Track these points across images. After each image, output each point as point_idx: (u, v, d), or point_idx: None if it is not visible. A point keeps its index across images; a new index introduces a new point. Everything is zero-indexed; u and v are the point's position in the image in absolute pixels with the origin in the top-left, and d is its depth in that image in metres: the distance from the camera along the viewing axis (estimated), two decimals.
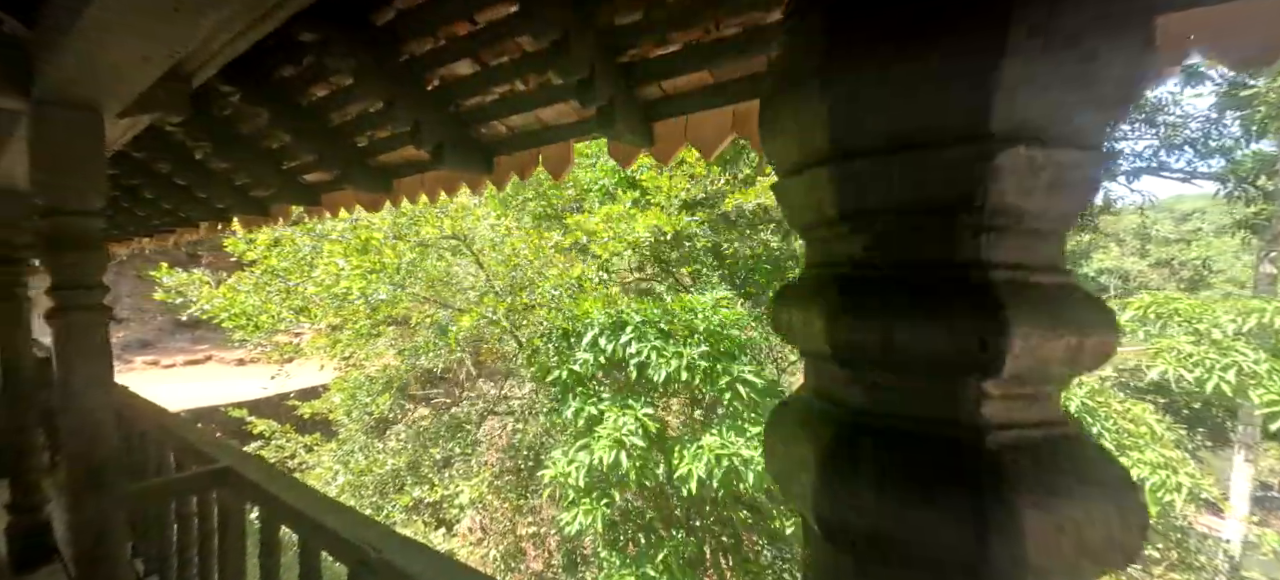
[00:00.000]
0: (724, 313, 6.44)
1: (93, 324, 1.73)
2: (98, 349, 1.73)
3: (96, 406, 1.73)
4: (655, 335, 6.19)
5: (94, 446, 1.68)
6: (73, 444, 1.69)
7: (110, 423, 1.74)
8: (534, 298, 6.78)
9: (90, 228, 1.71)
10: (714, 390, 6.12)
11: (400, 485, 7.34)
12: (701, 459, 5.82)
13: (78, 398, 1.70)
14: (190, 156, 2.91)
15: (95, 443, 1.68)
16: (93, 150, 1.67)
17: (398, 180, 2.47)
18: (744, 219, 9.16)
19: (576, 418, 6.36)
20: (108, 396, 1.75)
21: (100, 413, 1.73)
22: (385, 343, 9.35)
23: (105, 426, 1.71)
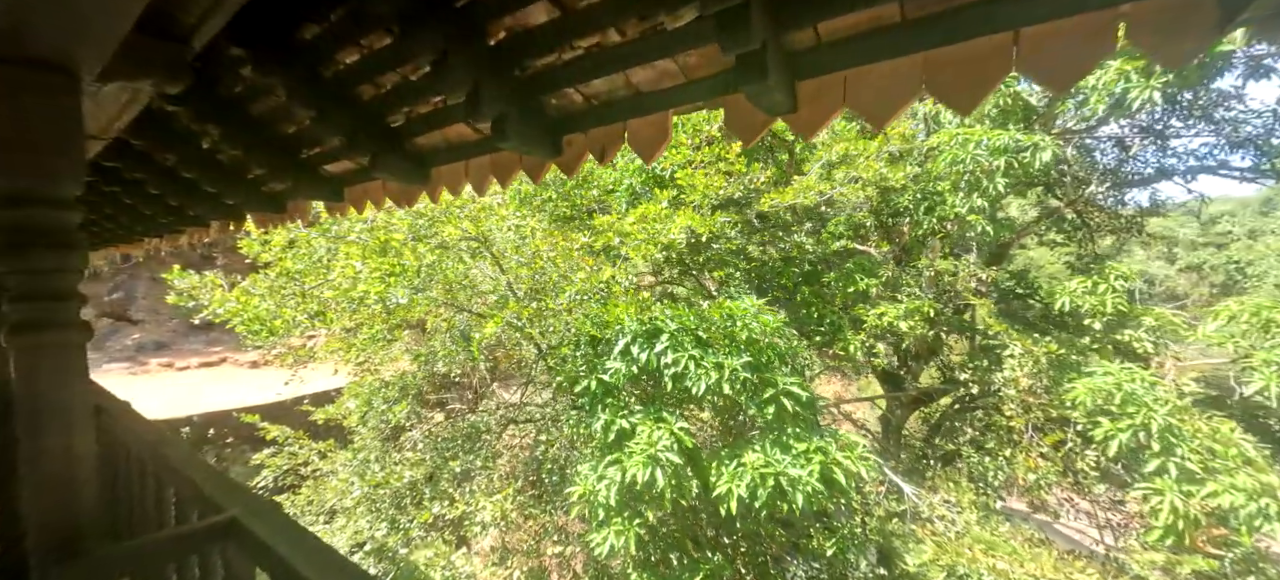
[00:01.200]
0: (764, 319, 6.02)
1: (67, 346, 1.35)
2: (73, 378, 1.35)
3: (72, 452, 1.35)
4: (692, 344, 5.77)
5: (69, 504, 1.31)
6: (41, 502, 1.31)
7: (90, 472, 1.36)
8: (560, 302, 6.39)
9: (63, 221, 1.34)
10: (758, 404, 5.70)
11: (418, 499, 6.98)
12: (743, 477, 5.39)
13: (48, 442, 1.32)
14: (196, 144, 2.55)
15: (71, 499, 1.31)
16: (65, 120, 1.30)
17: (437, 168, 2.09)
18: (775, 220, 8.73)
19: (606, 431, 5.96)
20: (87, 439, 1.38)
21: (77, 461, 1.35)
22: (400, 347, 9.03)
23: (83, 479, 1.34)
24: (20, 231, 1.29)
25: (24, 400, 1.29)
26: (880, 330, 7.60)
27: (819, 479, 5.25)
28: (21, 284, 1.29)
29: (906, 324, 7.14)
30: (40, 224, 1.29)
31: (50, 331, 1.33)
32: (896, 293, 8.32)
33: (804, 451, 5.44)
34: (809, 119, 1.32)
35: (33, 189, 1.29)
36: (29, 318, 1.31)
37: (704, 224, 6.21)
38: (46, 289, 1.32)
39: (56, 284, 1.33)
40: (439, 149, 2.01)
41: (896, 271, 8.25)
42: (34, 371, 1.30)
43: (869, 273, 8.06)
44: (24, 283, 1.29)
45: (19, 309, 1.31)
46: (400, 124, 1.92)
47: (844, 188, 6.91)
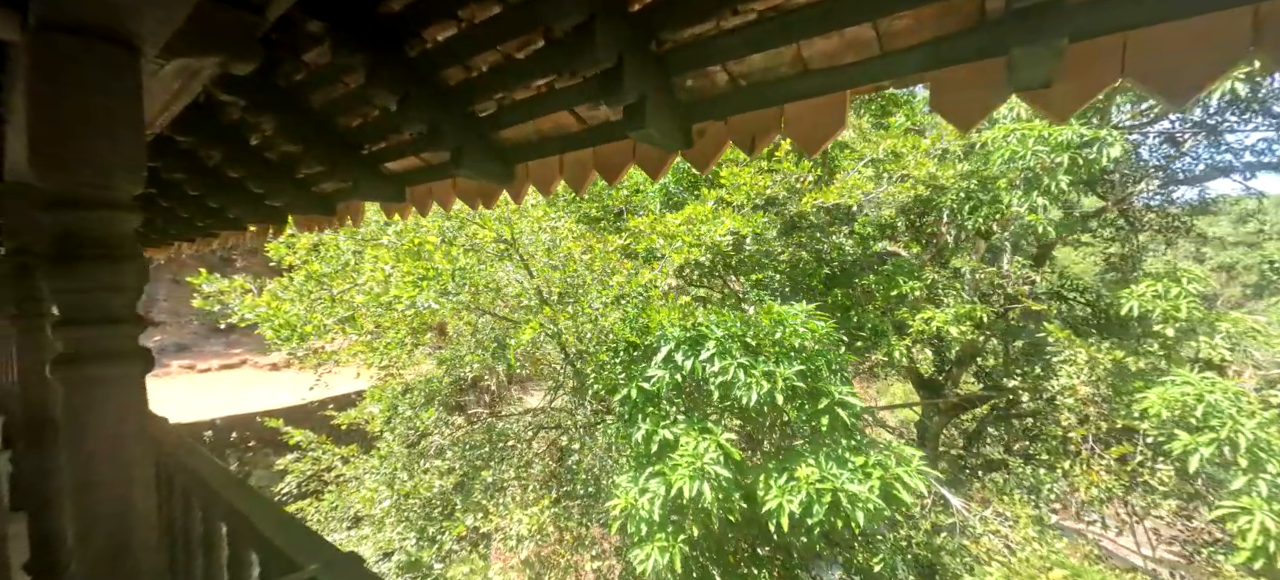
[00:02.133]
0: (813, 325, 5.72)
1: (125, 380, 1.11)
2: (131, 416, 1.11)
3: (129, 505, 1.11)
4: (739, 351, 5.49)
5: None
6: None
7: (149, 528, 1.12)
8: (596, 306, 6.14)
9: (119, 226, 1.10)
10: (810, 416, 5.40)
11: (449, 510, 6.76)
12: (795, 492, 5.10)
13: (101, 493, 1.08)
14: (245, 140, 2.32)
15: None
16: (124, 103, 1.07)
17: (524, 164, 1.83)
18: (811, 221, 8.42)
19: (648, 441, 5.70)
20: (146, 492, 1.13)
21: (134, 515, 1.12)
22: (422, 351, 8.84)
23: (141, 538, 1.10)
24: (68, 239, 1.04)
25: (71, 441, 1.05)
26: (926, 335, 7.26)
27: (879, 495, 4.95)
28: (71, 304, 1.05)
29: (956, 329, 6.79)
30: (93, 231, 1.06)
31: (104, 363, 1.09)
32: (940, 296, 7.97)
33: (862, 466, 5.14)
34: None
35: (84, 188, 1.05)
36: (80, 346, 1.08)
37: (746, 224, 5.92)
38: (100, 310, 1.09)
39: (111, 304, 1.09)
40: (530, 142, 1.76)
41: (940, 274, 7.89)
42: (85, 411, 1.06)
43: (911, 275, 7.72)
44: (74, 303, 1.05)
45: (68, 335, 1.07)
46: (490, 113, 1.67)
47: (892, 186, 6.59)
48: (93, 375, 1.08)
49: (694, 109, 1.40)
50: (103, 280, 1.06)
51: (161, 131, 2.16)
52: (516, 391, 16.78)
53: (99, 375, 1.08)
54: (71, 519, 1.06)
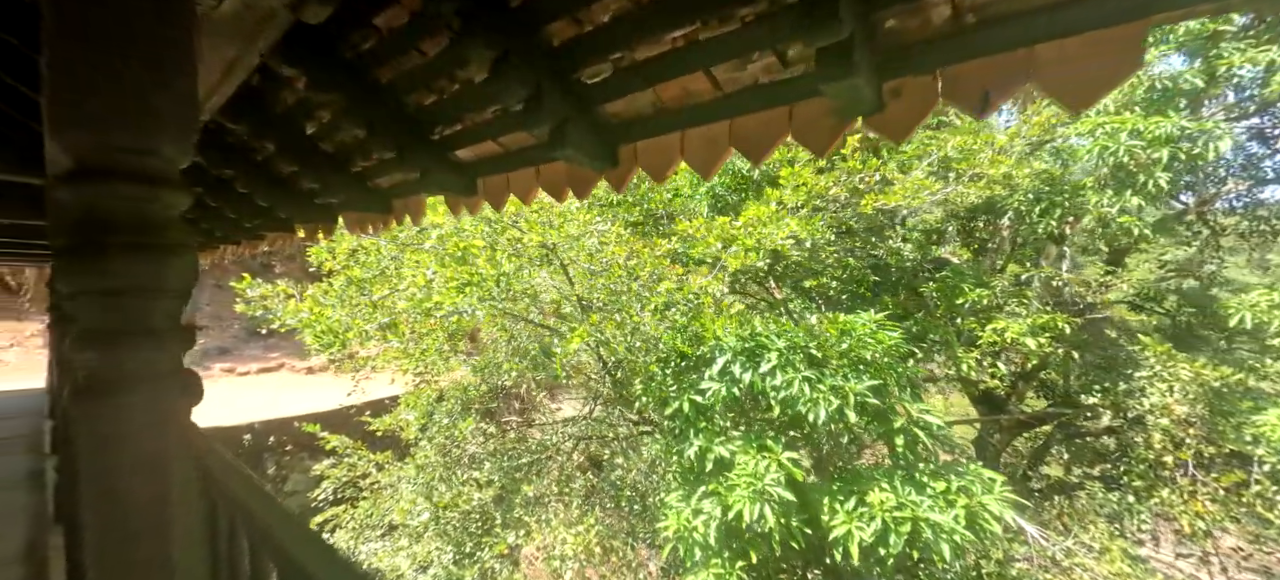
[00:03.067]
0: (882, 336, 5.27)
1: (163, 417, 0.83)
2: (171, 468, 0.81)
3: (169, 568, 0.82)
4: (803, 363, 5.08)
5: None
6: None
7: None
8: (644, 313, 5.82)
9: (162, 207, 0.82)
10: (884, 434, 4.96)
11: (488, 525, 6.49)
12: (869, 519, 4.65)
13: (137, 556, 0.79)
14: (300, 130, 2.08)
15: None
16: (175, 43, 0.79)
17: (632, 145, 1.53)
18: (868, 224, 7.94)
19: (701, 459, 5.33)
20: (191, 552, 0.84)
21: None
22: (457, 358, 8.66)
23: None
24: (92, 224, 0.76)
25: (96, 504, 0.76)
26: (1000, 347, 6.71)
27: (965, 525, 4.48)
28: (94, 312, 0.77)
29: (1034, 341, 6.24)
30: (126, 213, 0.78)
31: (136, 391, 0.81)
32: (1006, 304, 7.40)
33: (943, 492, 4.67)
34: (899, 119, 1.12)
35: (117, 153, 0.76)
36: (104, 369, 0.79)
37: (806, 228, 5.53)
38: (133, 319, 0.81)
39: (148, 312, 0.80)
40: (643, 117, 1.45)
41: (1007, 280, 7.33)
42: (109, 455, 0.77)
43: (978, 282, 7.17)
44: (98, 310, 0.78)
45: (89, 354, 0.79)
46: (602, 78, 1.37)
47: (963, 186, 6.10)
48: (121, 407, 0.79)
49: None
50: (138, 278, 0.78)
51: (210, 119, 1.93)
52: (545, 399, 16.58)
53: (128, 406, 0.79)
54: None
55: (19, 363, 15.49)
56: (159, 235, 0.80)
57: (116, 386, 0.78)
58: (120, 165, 0.77)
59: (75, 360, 0.77)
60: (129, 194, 0.77)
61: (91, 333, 0.77)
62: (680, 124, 1.42)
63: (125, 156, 0.77)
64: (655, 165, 1.50)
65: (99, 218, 0.76)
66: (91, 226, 0.76)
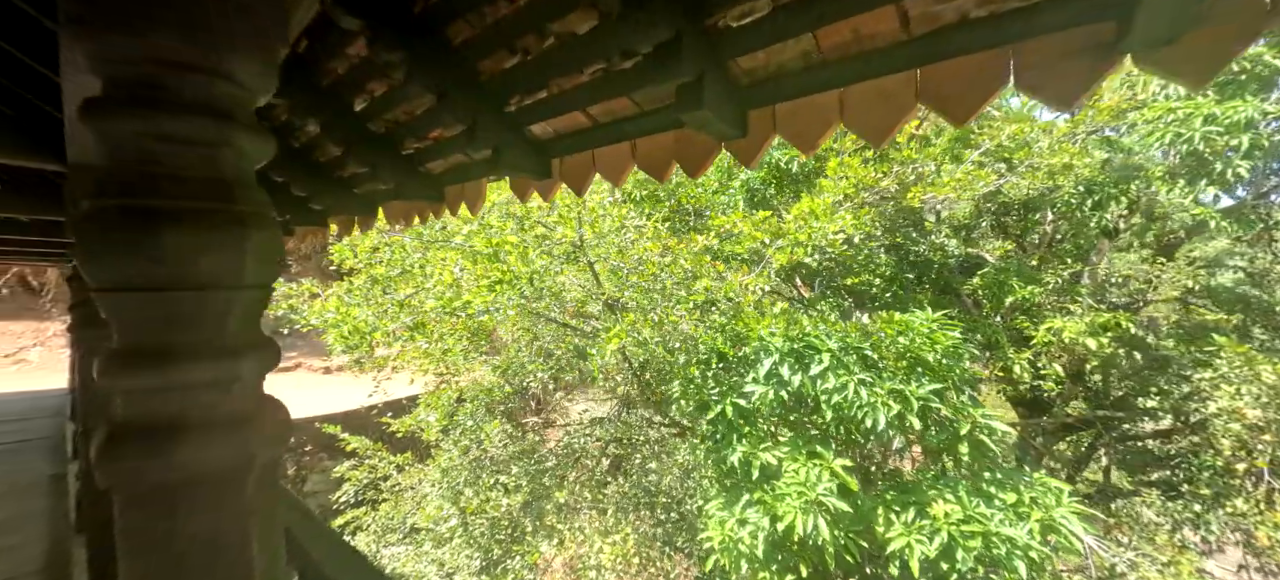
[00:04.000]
0: (941, 336, 4.94)
1: (241, 469, 0.61)
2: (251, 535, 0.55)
3: None
4: (858, 365, 4.77)
5: None
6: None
7: None
8: (680, 313, 5.53)
9: (236, 161, 0.55)
10: (946, 442, 4.64)
11: (517, 532, 6.25)
12: (933, 532, 4.34)
13: None
14: (347, 106, 1.83)
15: None
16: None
17: (764, 110, 1.25)
18: (907, 219, 7.60)
19: (745, 467, 5.04)
20: None
21: None
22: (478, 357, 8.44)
23: None
24: (131, 179, 0.50)
25: None
26: (1055, 348, 6.35)
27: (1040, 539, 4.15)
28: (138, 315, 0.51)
29: (1094, 341, 5.87)
30: (185, 162, 0.51)
31: (202, 433, 0.56)
32: (1063, 301, 7.03)
33: (1014, 504, 4.34)
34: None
35: (171, 69, 0.50)
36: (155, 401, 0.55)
37: (855, 222, 5.21)
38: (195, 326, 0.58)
39: (217, 315, 0.54)
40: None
41: (1059, 276, 6.95)
42: (167, 526, 0.51)
43: (1027, 279, 6.80)
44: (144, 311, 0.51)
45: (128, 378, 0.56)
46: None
47: (1019, 177, 5.75)
48: (179, 458, 0.52)
49: None
50: (203, 265, 0.52)
51: None
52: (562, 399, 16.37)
53: (190, 458, 0.52)
54: None
55: (41, 362, 15.56)
56: (232, 199, 0.54)
57: (173, 428, 0.52)
58: (174, 89, 0.51)
59: (111, 387, 0.52)
60: (188, 133, 0.52)
61: (136, 349, 0.51)
62: (843, 80, 1.14)
63: (182, 76, 0.51)
64: (804, 129, 1.22)
65: (142, 169, 0.50)
66: (131, 183, 0.50)
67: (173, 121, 0.52)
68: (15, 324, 16.25)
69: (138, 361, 0.54)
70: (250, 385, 0.59)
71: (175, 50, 0.51)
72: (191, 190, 0.53)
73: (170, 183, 0.52)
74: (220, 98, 0.55)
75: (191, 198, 0.53)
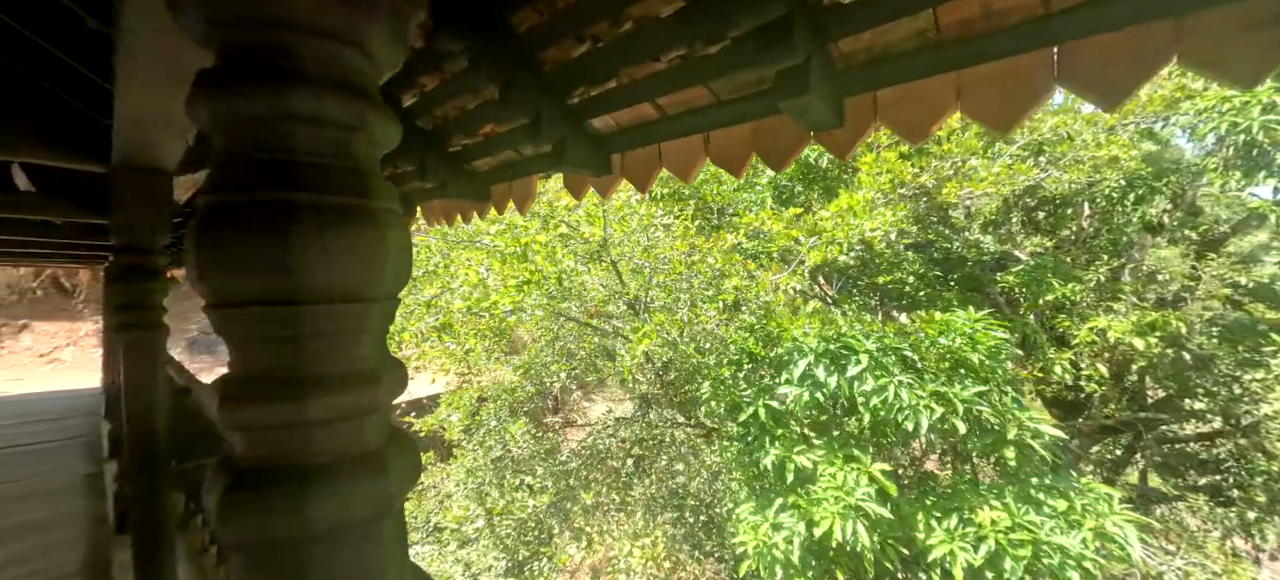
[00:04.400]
0: (983, 336, 4.77)
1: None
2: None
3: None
4: (898, 367, 4.62)
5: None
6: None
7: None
8: (710, 314, 5.42)
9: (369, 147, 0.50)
10: (990, 445, 4.47)
11: (544, 534, 6.20)
12: (980, 539, 4.18)
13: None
14: (396, 101, 1.75)
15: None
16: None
17: (865, 96, 1.16)
18: (938, 215, 7.39)
19: (779, 470, 4.92)
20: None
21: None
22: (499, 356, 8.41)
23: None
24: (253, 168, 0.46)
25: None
26: (1098, 348, 6.12)
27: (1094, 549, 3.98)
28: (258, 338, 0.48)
29: (1142, 341, 5.63)
30: (320, 145, 0.44)
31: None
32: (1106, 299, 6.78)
33: (1065, 512, 4.17)
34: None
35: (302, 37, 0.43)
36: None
37: (892, 220, 5.05)
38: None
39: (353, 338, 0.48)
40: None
41: (1104, 274, 6.70)
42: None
43: (1066, 276, 6.57)
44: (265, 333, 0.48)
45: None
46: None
47: (1063, 171, 5.53)
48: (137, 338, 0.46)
49: None
50: (336, 274, 0.44)
51: None
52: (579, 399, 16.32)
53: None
54: None
55: (74, 361, 15.93)
56: (369, 193, 0.47)
57: (306, 471, 0.44)
58: (305, 59, 0.43)
59: (232, 422, 0.44)
60: (324, 112, 0.44)
61: (263, 376, 0.44)
62: (961, 61, 1.03)
63: (314, 44, 0.43)
64: (911, 118, 1.11)
65: (273, 156, 0.42)
66: (259, 174, 0.42)
67: (307, 97, 0.44)
68: (49, 324, 16.66)
69: (264, 391, 0.46)
70: (384, 416, 0.52)
71: (308, 10, 0.43)
72: (329, 182, 0.45)
73: (306, 173, 0.44)
74: (356, 71, 0.47)
75: (330, 191, 0.45)
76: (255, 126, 0.46)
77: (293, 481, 0.46)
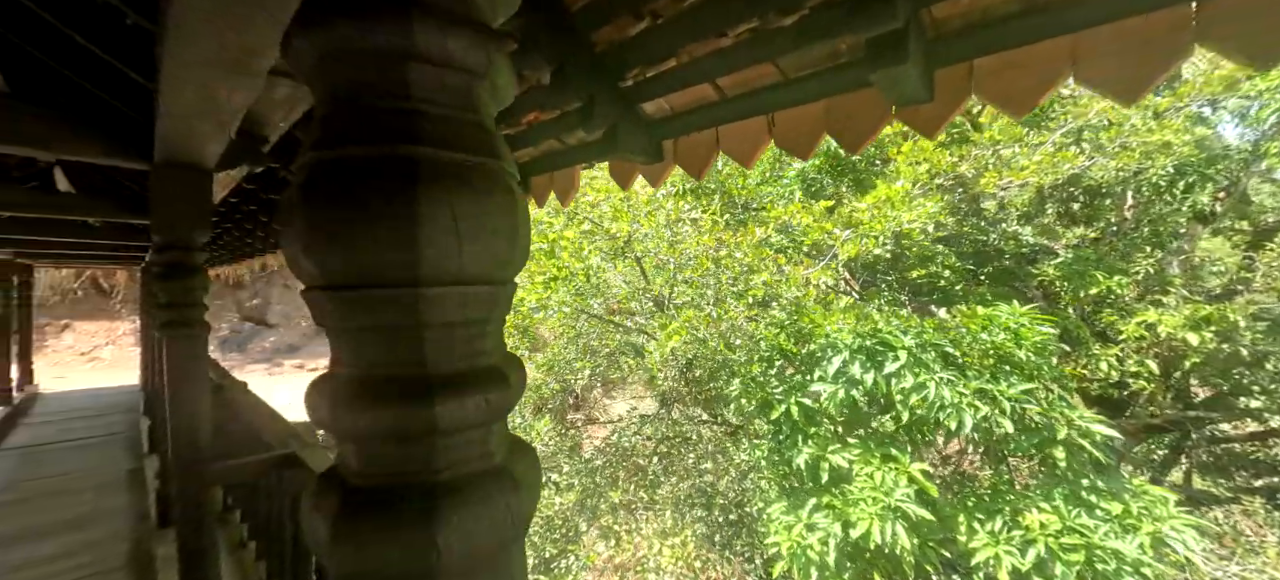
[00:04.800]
0: (1028, 332, 4.58)
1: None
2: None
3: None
4: (938, 363, 4.46)
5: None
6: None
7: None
8: (738, 309, 5.31)
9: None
10: (1038, 444, 4.29)
11: (572, 532, 6.17)
12: (1025, 543, 4.01)
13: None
14: None
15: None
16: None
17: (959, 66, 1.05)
18: (971, 206, 7.15)
19: (813, 470, 4.80)
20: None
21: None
22: (520, 353, 8.41)
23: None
24: None
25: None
26: (1147, 343, 5.85)
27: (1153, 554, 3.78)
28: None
29: (1197, 335, 5.36)
30: (448, 101, 0.38)
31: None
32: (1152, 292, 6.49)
33: (1120, 515, 3.97)
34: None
35: None
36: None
37: (931, 211, 4.88)
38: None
39: None
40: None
41: (1152, 266, 6.41)
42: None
43: (1111, 268, 6.29)
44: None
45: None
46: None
47: (1108, 158, 5.28)
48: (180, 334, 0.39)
49: None
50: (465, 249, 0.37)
51: None
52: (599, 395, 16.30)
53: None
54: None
55: (113, 359, 16.46)
56: (496, 153, 0.40)
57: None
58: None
59: (347, 428, 0.37)
60: (450, 55, 0.37)
61: (384, 377, 0.37)
62: (1075, 23, 0.93)
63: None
64: (1014, 89, 1.01)
65: (395, 104, 0.35)
66: (376, 124, 0.35)
67: (432, 32, 0.37)
68: (89, 324, 17.23)
69: (386, 393, 0.39)
70: (506, 423, 0.45)
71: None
72: (457, 137, 0.38)
73: (431, 125, 0.37)
74: (478, 6, 0.40)
75: (459, 148, 0.37)
76: (371, 65, 0.38)
77: (421, 502, 0.39)
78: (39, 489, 4.93)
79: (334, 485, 0.41)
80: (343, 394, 0.41)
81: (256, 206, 3.48)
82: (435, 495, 0.39)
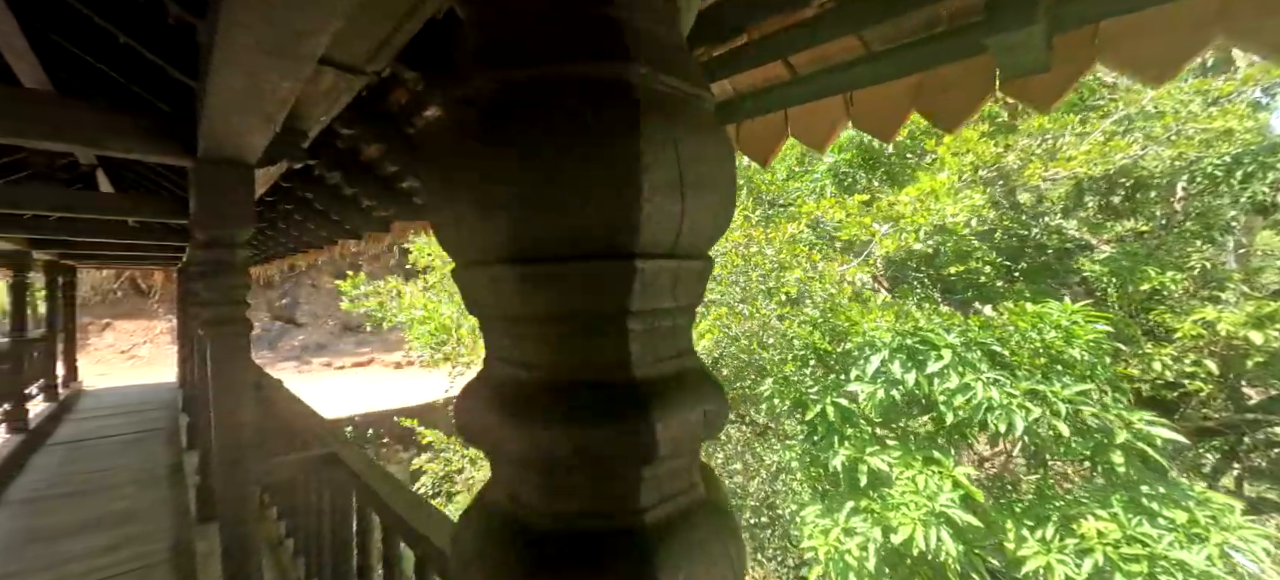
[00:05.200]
0: (1081, 330, 4.35)
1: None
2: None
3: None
4: (984, 363, 4.28)
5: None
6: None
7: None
8: (770, 307, 5.18)
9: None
10: (1095, 448, 4.07)
11: None
12: (1082, 553, 3.81)
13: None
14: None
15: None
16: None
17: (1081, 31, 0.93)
18: (1009, 199, 6.87)
19: (850, 473, 4.65)
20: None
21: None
22: None
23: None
24: None
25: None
26: (1204, 342, 5.55)
27: None
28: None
29: (1259, 334, 5.06)
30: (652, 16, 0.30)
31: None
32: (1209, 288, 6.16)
33: (1185, 523, 3.74)
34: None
35: None
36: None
37: (974, 203, 4.68)
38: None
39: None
40: None
41: (1207, 261, 6.08)
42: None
43: (1163, 264, 5.98)
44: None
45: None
46: None
47: (1166, 145, 5.01)
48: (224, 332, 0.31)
49: None
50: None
51: None
52: None
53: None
54: None
55: (150, 357, 16.99)
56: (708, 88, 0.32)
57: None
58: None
59: (518, 449, 0.29)
60: None
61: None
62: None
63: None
64: (1146, 52, 0.89)
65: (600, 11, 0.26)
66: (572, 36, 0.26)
67: None
68: (128, 323, 17.81)
69: (582, 403, 0.30)
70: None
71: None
72: (667, 60, 0.29)
73: (643, 42, 0.28)
74: None
75: (673, 72, 0.29)
76: None
77: (638, 552, 0.30)
78: (87, 483, 5.06)
79: (511, 529, 0.32)
80: (523, 404, 0.32)
81: (292, 206, 3.49)
82: (649, 543, 0.30)
